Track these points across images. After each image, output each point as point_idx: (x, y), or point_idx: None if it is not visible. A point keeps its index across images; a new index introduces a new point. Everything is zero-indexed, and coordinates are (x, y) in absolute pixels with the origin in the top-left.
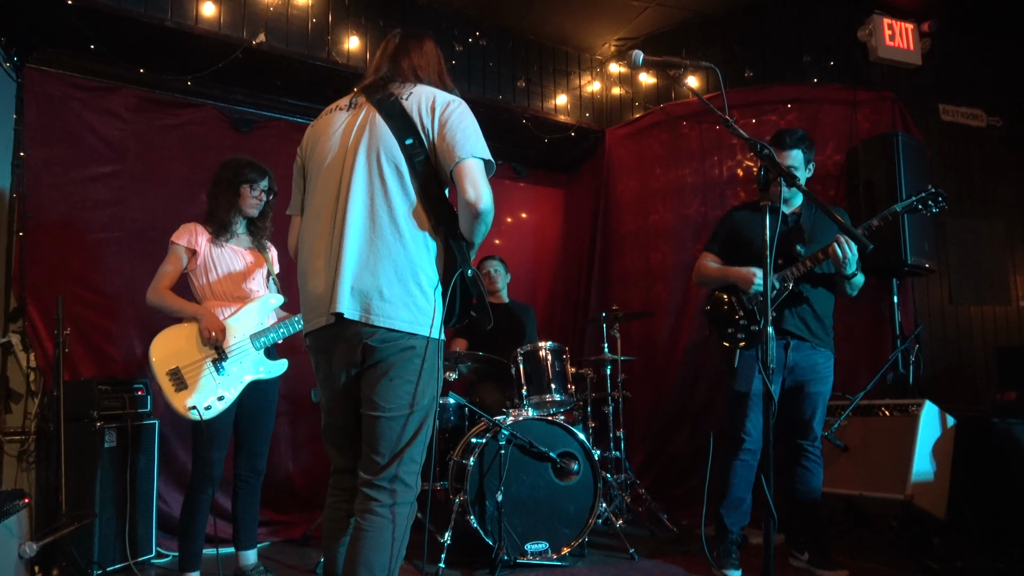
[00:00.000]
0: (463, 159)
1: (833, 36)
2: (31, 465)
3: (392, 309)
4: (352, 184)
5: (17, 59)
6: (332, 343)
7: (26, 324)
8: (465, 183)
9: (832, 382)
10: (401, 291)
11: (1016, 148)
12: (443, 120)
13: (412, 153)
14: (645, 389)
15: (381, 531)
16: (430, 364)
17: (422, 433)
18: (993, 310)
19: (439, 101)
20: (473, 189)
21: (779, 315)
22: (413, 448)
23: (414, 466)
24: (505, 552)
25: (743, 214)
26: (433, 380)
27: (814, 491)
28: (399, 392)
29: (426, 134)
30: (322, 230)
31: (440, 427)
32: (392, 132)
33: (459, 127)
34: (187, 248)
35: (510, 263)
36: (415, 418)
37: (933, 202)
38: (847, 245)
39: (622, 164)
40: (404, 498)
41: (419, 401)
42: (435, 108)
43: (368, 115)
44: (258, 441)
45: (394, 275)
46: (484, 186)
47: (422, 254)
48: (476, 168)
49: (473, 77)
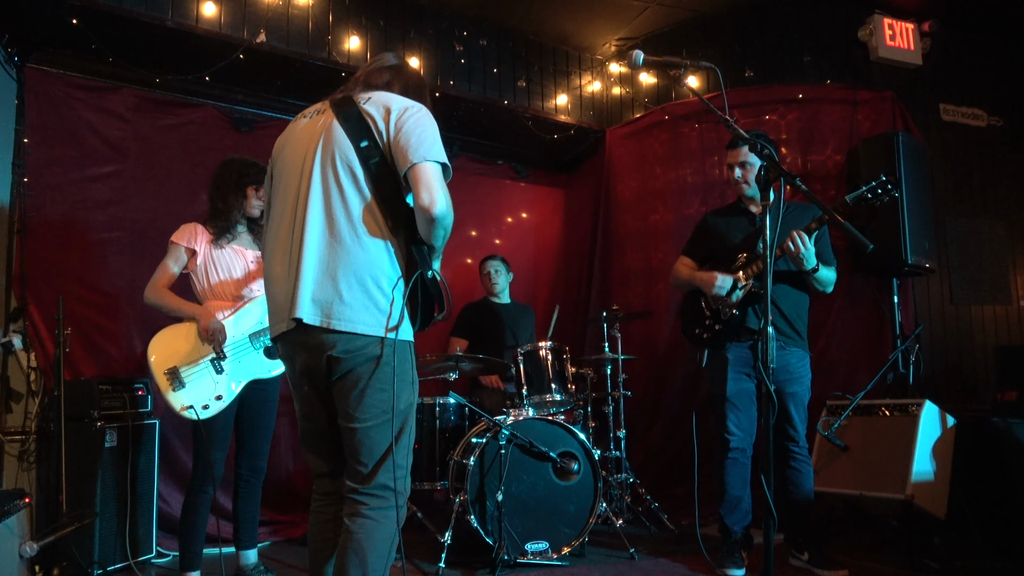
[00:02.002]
0: (416, 163)
1: (833, 36)
2: (32, 465)
3: (353, 313)
4: (310, 189)
5: (18, 59)
6: (294, 350)
7: (27, 324)
8: (419, 188)
9: (809, 381)
10: (362, 295)
11: (1017, 148)
12: (399, 124)
13: (367, 156)
14: (646, 389)
15: (370, 533)
16: (402, 367)
17: (404, 437)
18: (993, 309)
19: (396, 105)
20: (427, 194)
21: (742, 315)
22: (396, 453)
23: (400, 471)
24: (505, 552)
25: (717, 218)
26: (408, 383)
27: (806, 492)
28: (374, 401)
29: (380, 136)
30: (283, 236)
31: (440, 427)
32: (347, 135)
33: (414, 131)
34: (187, 248)
35: (511, 263)
36: (394, 424)
37: (883, 189)
38: (800, 240)
39: (622, 164)
40: (392, 502)
41: (396, 407)
42: (391, 111)
43: (327, 120)
44: (259, 441)
45: (354, 279)
46: (439, 191)
47: (382, 257)
48: (431, 172)
49: (473, 77)
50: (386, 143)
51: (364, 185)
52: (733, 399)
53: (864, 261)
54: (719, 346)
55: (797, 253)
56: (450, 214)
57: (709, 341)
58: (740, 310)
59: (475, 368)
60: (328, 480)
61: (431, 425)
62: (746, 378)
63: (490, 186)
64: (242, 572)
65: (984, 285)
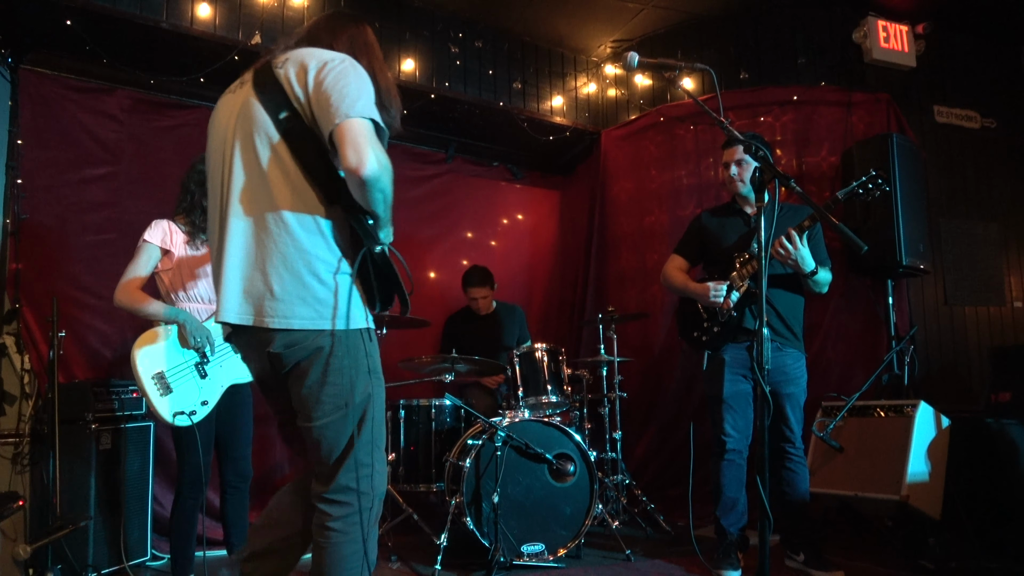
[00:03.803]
0: (339, 122)
1: (828, 38)
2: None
3: (286, 308)
4: (232, 175)
5: (12, 60)
6: (244, 351)
7: (20, 326)
8: (344, 147)
9: (805, 383)
10: (295, 286)
11: (1010, 149)
12: (318, 81)
13: (287, 127)
14: (641, 390)
15: (337, 548)
16: (353, 357)
17: (364, 434)
18: (988, 311)
19: (314, 62)
20: (353, 153)
21: (740, 316)
22: (358, 451)
23: (365, 470)
24: (501, 553)
25: (711, 218)
26: (363, 374)
27: (802, 492)
28: (324, 397)
29: (298, 101)
30: (215, 231)
31: (436, 428)
32: (264, 107)
33: (335, 87)
34: (161, 248)
35: (506, 264)
36: (350, 420)
37: (873, 184)
38: (791, 242)
39: (618, 165)
40: (357, 506)
41: (351, 401)
42: (308, 69)
43: (245, 93)
44: (241, 445)
45: (284, 269)
46: (368, 148)
47: (315, 240)
48: (357, 128)
49: (469, 79)
50: (305, 107)
51: (289, 162)
52: (729, 400)
53: (859, 262)
54: (717, 348)
55: (788, 256)
56: (385, 174)
57: (707, 343)
58: (737, 311)
59: (472, 370)
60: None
61: (427, 427)
62: (742, 379)
63: (486, 188)
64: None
65: (978, 286)
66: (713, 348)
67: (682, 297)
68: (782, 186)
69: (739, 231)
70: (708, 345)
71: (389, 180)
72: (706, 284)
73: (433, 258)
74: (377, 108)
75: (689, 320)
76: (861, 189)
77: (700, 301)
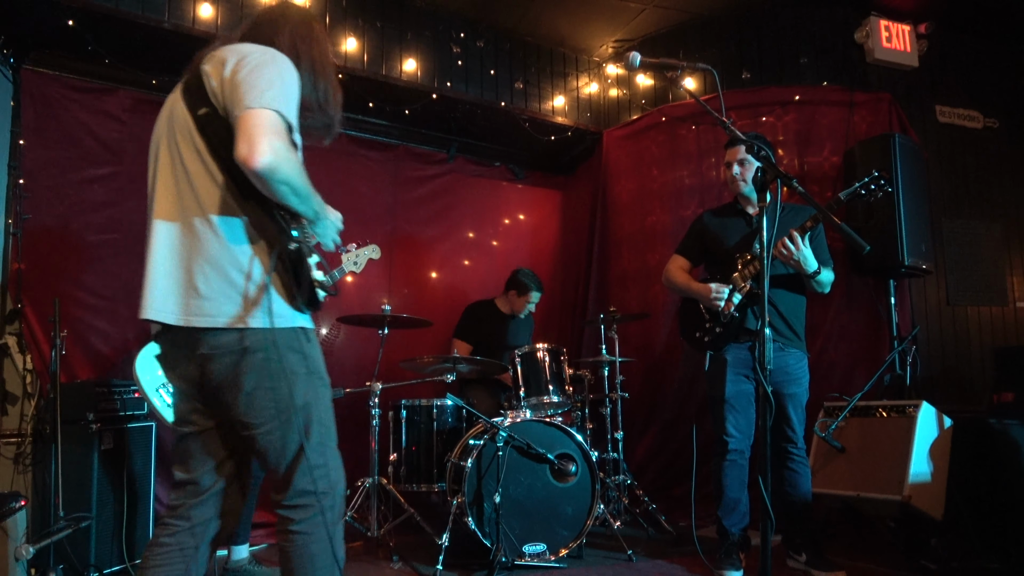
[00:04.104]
0: (239, 113)
1: (830, 38)
2: (28, 467)
3: (212, 306)
4: (158, 175)
5: (13, 61)
6: (169, 353)
7: (23, 326)
8: (238, 138)
9: (807, 383)
10: (221, 283)
11: (1013, 149)
12: (233, 75)
13: (204, 124)
14: (643, 390)
15: (306, 547)
16: (288, 358)
17: (312, 435)
18: (990, 311)
19: (232, 57)
20: (245, 144)
21: (742, 316)
22: (309, 454)
23: (320, 471)
24: (503, 554)
25: (713, 218)
26: (301, 375)
27: (804, 492)
28: (261, 403)
29: (214, 97)
30: (147, 232)
31: (437, 429)
32: (187, 106)
33: (246, 80)
34: None
35: (507, 265)
36: (294, 425)
37: (876, 185)
38: (793, 242)
39: (619, 165)
40: (318, 507)
41: (291, 405)
42: (226, 64)
43: (177, 93)
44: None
45: (209, 267)
46: (261, 139)
47: (238, 237)
48: (254, 119)
49: (470, 79)
50: (220, 103)
51: (208, 157)
52: (731, 400)
53: (861, 262)
54: (719, 348)
55: (790, 257)
56: (282, 166)
57: (709, 344)
58: (739, 311)
59: (474, 370)
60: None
61: (428, 427)
62: (744, 379)
63: (487, 188)
64: (234, 567)
65: (981, 286)
66: (715, 348)
67: (684, 297)
68: (784, 186)
69: (741, 231)
70: (710, 345)
71: (292, 172)
72: (708, 284)
73: (434, 258)
74: (313, 104)
75: (691, 320)
76: (863, 190)
77: (702, 301)
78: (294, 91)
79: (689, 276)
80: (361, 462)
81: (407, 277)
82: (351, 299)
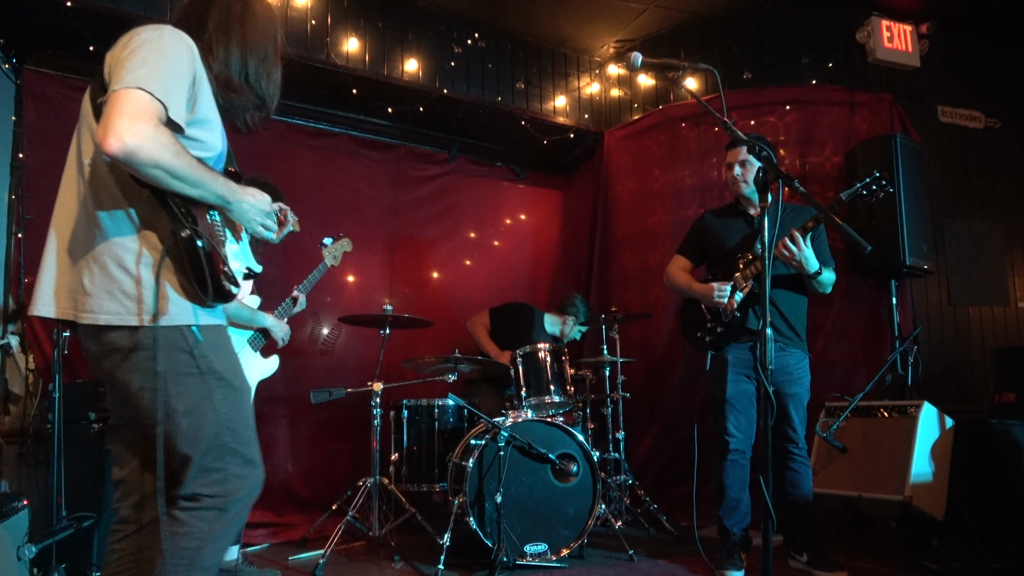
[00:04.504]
0: (106, 97)
1: (831, 38)
2: (30, 467)
3: (95, 302)
4: (66, 169)
5: (16, 61)
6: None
7: (24, 325)
8: (99, 122)
9: (808, 383)
10: (103, 278)
11: (1014, 149)
12: (116, 56)
13: (99, 112)
14: (644, 390)
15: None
16: (173, 359)
17: (204, 439)
18: (991, 311)
19: (124, 40)
20: (102, 126)
21: (743, 316)
22: (204, 458)
23: (214, 475)
24: (504, 553)
25: (714, 219)
26: (189, 375)
27: (805, 493)
28: (146, 403)
29: (107, 84)
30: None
31: (439, 428)
32: (90, 96)
33: (121, 61)
34: None
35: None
36: (184, 426)
37: (877, 185)
38: (793, 243)
39: (621, 166)
40: (205, 510)
41: (175, 405)
42: (116, 48)
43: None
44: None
45: (93, 262)
46: (118, 120)
47: (123, 229)
48: (118, 100)
49: (472, 79)
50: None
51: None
52: (733, 400)
53: (862, 263)
54: (720, 348)
55: (792, 257)
56: (144, 149)
57: (711, 344)
58: (740, 311)
59: (475, 369)
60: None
61: (430, 427)
62: (746, 379)
63: (488, 188)
64: (226, 567)
65: (982, 286)
66: (716, 348)
67: (685, 297)
68: (786, 186)
69: (742, 232)
70: (711, 345)
71: (163, 156)
72: (709, 285)
73: (436, 258)
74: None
75: (692, 320)
76: (865, 190)
77: (703, 301)
78: (178, 70)
79: (690, 276)
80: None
81: (408, 277)
82: (352, 299)
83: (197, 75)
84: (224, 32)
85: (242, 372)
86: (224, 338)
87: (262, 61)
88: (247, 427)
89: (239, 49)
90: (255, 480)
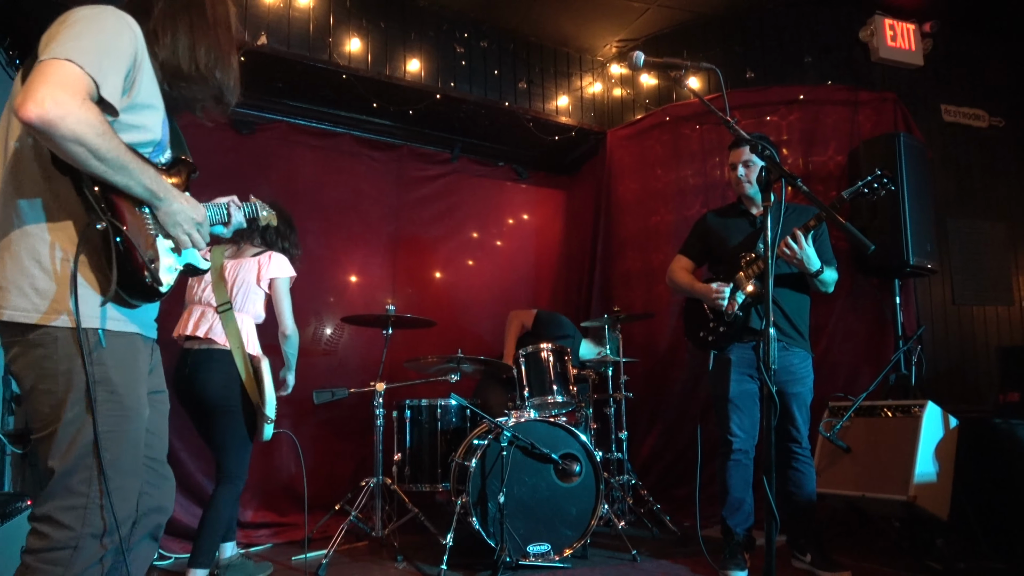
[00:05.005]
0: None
1: (834, 37)
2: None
3: (6, 298)
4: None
5: (19, 62)
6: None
7: None
8: (23, 86)
9: (811, 382)
10: (15, 274)
11: (1018, 148)
12: (52, 33)
13: None
14: (647, 390)
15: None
16: (71, 362)
17: (74, 458)
18: (996, 310)
19: (61, 17)
20: (22, 93)
21: (746, 316)
22: (70, 478)
23: (77, 499)
24: (507, 553)
25: (717, 218)
26: (79, 383)
27: (808, 492)
28: (36, 405)
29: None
30: None
31: (442, 428)
32: (22, 76)
33: (59, 35)
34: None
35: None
36: (61, 436)
37: (879, 183)
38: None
39: (623, 165)
40: (59, 544)
41: (64, 413)
42: (52, 25)
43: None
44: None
45: (6, 250)
46: (40, 87)
47: (38, 217)
48: (44, 69)
49: (474, 79)
50: None
51: (25, 133)
52: (736, 400)
53: (866, 262)
54: (722, 348)
55: (793, 256)
56: (67, 121)
57: (713, 343)
58: (743, 311)
59: (478, 369)
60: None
61: (432, 427)
62: (748, 379)
63: (491, 188)
64: (226, 564)
65: (986, 286)
66: (719, 348)
67: (688, 297)
68: (789, 185)
69: (744, 231)
70: (714, 345)
71: (87, 132)
72: (711, 284)
73: (438, 258)
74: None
75: (695, 320)
76: (866, 188)
77: (705, 301)
78: (116, 49)
79: (692, 276)
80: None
81: (411, 277)
82: (355, 299)
83: (139, 58)
84: (171, 17)
85: (143, 394)
86: (133, 350)
87: (214, 49)
88: (130, 456)
89: (187, 37)
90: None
